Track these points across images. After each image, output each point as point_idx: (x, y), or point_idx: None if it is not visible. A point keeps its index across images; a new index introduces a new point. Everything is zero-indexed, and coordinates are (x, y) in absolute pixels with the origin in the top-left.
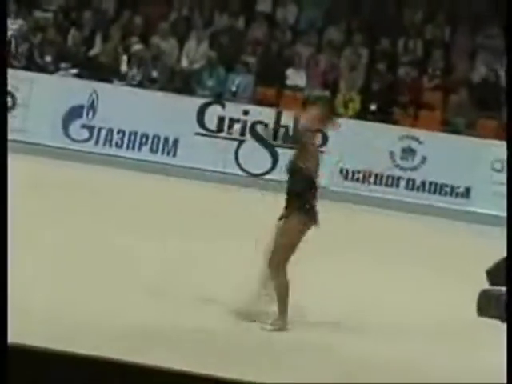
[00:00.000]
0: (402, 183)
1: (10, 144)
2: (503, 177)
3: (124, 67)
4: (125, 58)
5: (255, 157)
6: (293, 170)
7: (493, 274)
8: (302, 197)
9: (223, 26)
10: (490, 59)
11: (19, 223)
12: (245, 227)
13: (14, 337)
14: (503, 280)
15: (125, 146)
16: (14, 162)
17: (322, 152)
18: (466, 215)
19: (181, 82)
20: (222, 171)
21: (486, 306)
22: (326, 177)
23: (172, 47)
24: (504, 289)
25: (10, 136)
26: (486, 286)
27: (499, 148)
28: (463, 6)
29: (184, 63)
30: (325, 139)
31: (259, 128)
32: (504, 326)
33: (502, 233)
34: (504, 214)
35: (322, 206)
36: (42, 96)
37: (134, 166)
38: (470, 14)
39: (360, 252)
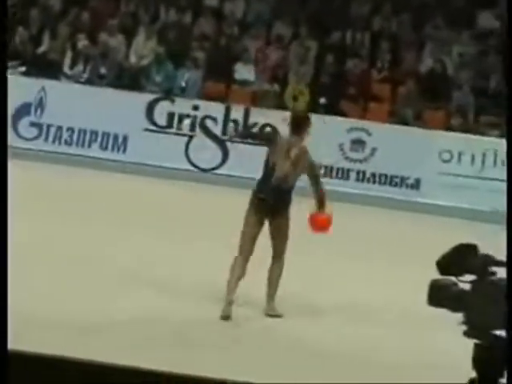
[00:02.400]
0: (352, 175)
1: None
2: (451, 167)
3: (72, 64)
4: (70, 54)
5: (205, 152)
6: None
7: (443, 265)
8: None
9: (171, 22)
10: (437, 50)
11: None
12: (196, 221)
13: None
14: (453, 270)
15: (74, 143)
16: None
17: None
18: (416, 206)
19: (129, 79)
20: (172, 167)
21: (436, 295)
22: None
23: (120, 43)
24: (454, 278)
25: None
26: (437, 275)
27: (447, 138)
28: None
29: (132, 59)
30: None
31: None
32: (454, 315)
33: (451, 223)
34: (453, 204)
35: None
36: None
37: (84, 163)
38: (416, 5)
39: (311, 243)
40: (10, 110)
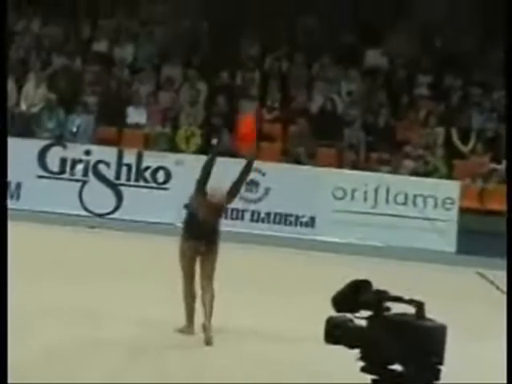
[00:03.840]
0: (247, 215)
1: None
2: (345, 204)
3: None
4: None
5: (99, 197)
6: None
7: (338, 301)
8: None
9: (60, 67)
10: (326, 88)
11: None
12: (92, 266)
13: None
14: (348, 307)
15: None
16: None
17: (165, 189)
18: (311, 244)
19: (21, 126)
20: (66, 213)
21: (332, 332)
22: (171, 213)
23: (10, 90)
24: (349, 315)
25: None
26: (332, 313)
27: (340, 176)
28: (300, 38)
29: (23, 106)
30: (168, 176)
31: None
32: (351, 351)
33: (346, 260)
34: (348, 240)
35: (169, 243)
36: None
37: None
38: (304, 45)
39: None
40: None
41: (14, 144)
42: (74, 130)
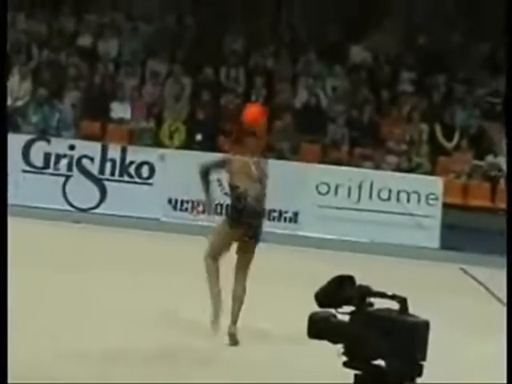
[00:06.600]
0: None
1: None
2: (328, 200)
3: None
4: None
5: (83, 191)
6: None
7: (321, 297)
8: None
9: (45, 62)
10: (311, 84)
11: None
12: (76, 261)
13: None
14: (331, 302)
15: None
16: None
17: (149, 184)
18: (294, 239)
19: None
20: (50, 207)
21: (315, 327)
22: (155, 208)
23: None
24: (332, 310)
25: None
26: (316, 308)
27: (323, 171)
28: (285, 33)
29: (8, 101)
30: (152, 171)
31: None
32: (333, 347)
33: (329, 255)
34: (331, 236)
35: (153, 237)
36: None
37: None
38: (289, 40)
39: (189, 276)
40: None
41: None
42: (59, 124)
